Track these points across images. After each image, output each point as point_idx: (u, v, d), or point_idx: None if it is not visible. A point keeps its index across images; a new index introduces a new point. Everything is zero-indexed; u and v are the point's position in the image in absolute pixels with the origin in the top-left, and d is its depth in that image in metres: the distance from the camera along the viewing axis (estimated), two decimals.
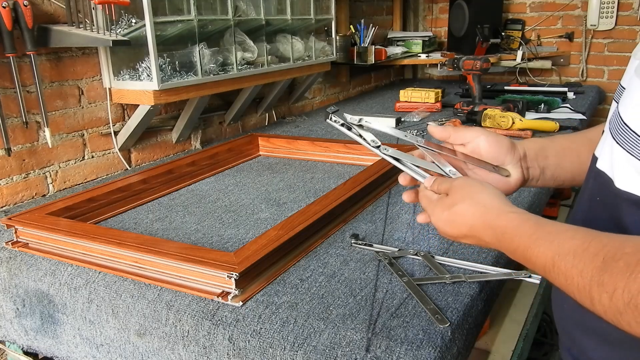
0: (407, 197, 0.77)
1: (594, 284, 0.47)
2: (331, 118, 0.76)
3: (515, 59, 2.84)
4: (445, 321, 0.76)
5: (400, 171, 0.76)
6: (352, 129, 0.77)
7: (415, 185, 0.76)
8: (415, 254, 0.97)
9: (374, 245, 1.01)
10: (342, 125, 0.76)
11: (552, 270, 0.52)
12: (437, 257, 0.96)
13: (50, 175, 1.44)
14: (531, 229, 0.56)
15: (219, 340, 0.80)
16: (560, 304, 0.67)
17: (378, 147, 0.76)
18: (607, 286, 0.46)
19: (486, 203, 0.62)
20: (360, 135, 0.77)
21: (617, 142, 0.54)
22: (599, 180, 0.58)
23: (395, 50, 2.83)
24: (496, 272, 0.92)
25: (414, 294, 0.83)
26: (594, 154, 0.62)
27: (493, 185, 0.68)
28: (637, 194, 0.52)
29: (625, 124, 0.53)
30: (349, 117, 0.77)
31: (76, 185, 1.50)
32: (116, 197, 1.27)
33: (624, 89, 0.60)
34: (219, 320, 0.82)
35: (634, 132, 0.51)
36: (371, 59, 2.56)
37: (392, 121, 2.00)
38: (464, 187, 0.65)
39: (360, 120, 0.77)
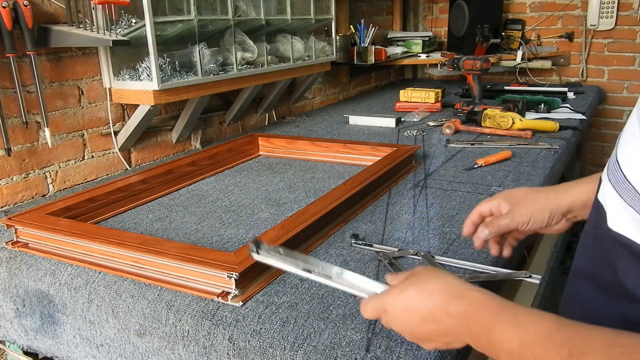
0: None
1: None
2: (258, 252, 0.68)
3: (515, 59, 2.84)
4: None
5: None
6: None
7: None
8: (415, 254, 0.97)
9: (374, 245, 1.01)
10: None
11: (518, 352, 0.49)
12: (437, 257, 0.96)
13: (50, 175, 1.44)
14: (495, 308, 0.53)
15: (219, 340, 0.80)
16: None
17: (309, 271, 0.67)
18: None
19: (447, 281, 0.58)
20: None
21: (615, 190, 0.51)
22: (599, 212, 0.55)
23: (395, 50, 2.83)
24: (496, 272, 0.92)
25: None
26: (600, 178, 0.59)
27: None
28: (630, 237, 0.49)
29: (625, 176, 0.50)
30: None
31: (76, 185, 1.50)
32: (116, 197, 1.27)
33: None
34: (219, 320, 0.82)
35: (633, 187, 0.48)
36: (371, 59, 2.56)
37: None
38: (421, 271, 0.61)
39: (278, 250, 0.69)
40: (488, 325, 0.52)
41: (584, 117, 2.07)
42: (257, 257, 0.68)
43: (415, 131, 1.92)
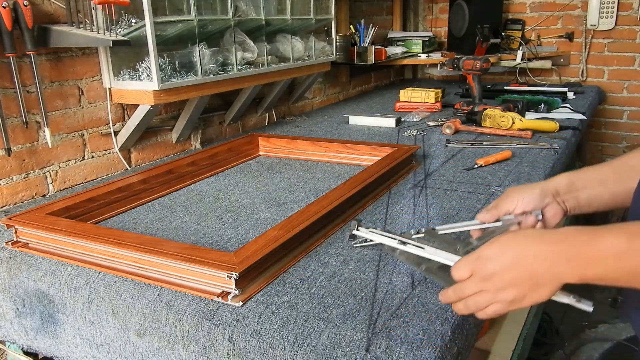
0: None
1: None
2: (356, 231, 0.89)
3: (515, 59, 2.84)
4: None
5: None
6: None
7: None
8: (417, 232, 0.91)
9: (377, 230, 0.96)
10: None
11: (628, 250, 0.55)
12: (437, 228, 0.90)
13: (50, 175, 1.44)
14: (589, 230, 0.58)
15: (219, 340, 0.80)
16: None
17: (403, 243, 0.83)
18: None
19: (532, 231, 0.66)
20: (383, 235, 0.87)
21: None
22: None
23: (395, 50, 2.83)
24: (506, 219, 0.89)
25: (436, 277, 0.81)
26: None
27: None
28: None
29: None
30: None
31: (76, 185, 1.50)
32: (116, 197, 1.27)
33: None
34: (219, 320, 0.82)
35: None
36: (371, 59, 2.56)
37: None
38: (508, 232, 0.70)
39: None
40: (588, 242, 0.57)
41: (584, 117, 2.07)
42: (356, 232, 0.90)
43: (415, 131, 1.92)
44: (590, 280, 0.58)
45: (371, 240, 0.93)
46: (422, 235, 0.88)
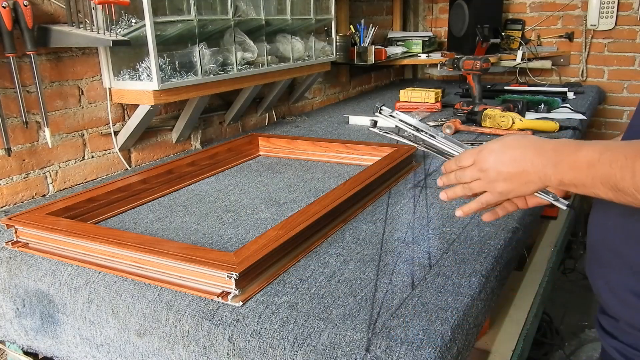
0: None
1: (637, 158, 0.59)
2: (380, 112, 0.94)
3: (515, 59, 2.84)
4: None
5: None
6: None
7: None
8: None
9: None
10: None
11: (598, 161, 0.63)
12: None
13: (50, 175, 1.44)
14: (576, 142, 0.67)
15: (219, 340, 0.80)
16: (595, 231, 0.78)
17: (417, 130, 0.91)
18: None
19: (532, 137, 0.74)
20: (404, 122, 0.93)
21: None
22: None
23: (395, 50, 2.83)
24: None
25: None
26: None
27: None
28: None
29: None
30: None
31: (76, 185, 1.50)
32: (116, 197, 1.27)
33: None
34: (219, 320, 0.82)
35: None
36: (371, 59, 2.56)
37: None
38: (511, 135, 0.78)
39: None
40: (570, 152, 0.66)
41: (584, 117, 2.07)
42: (377, 116, 0.95)
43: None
44: (567, 183, 0.67)
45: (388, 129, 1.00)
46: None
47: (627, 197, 0.61)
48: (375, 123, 0.99)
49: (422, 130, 0.89)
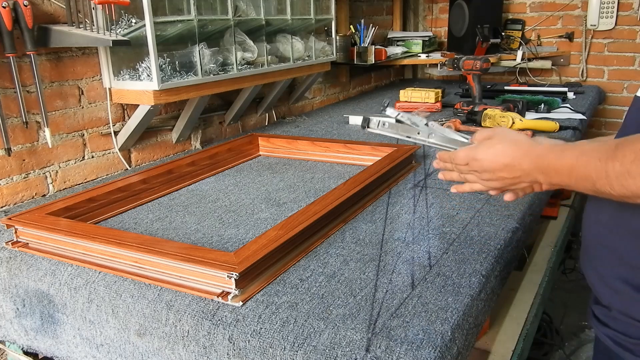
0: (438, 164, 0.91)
1: (608, 160, 0.63)
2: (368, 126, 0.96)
3: (515, 59, 2.84)
4: None
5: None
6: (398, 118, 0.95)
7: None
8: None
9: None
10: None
11: (575, 165, 0.68)
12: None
13: (50, 175, 1.44)
14: (560, 147, 0.73)
15: (219, 340, 0.80)
16: (589, 225, 0.83)
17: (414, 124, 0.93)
18: (617, 157, 0.62)
19: (523, 141, 0.79)
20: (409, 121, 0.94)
21: None
22: None
23: (395, 50, 2.83)
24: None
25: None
26: (636, 95, 0.79)
27: None
28: None
29: None
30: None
31: (76, 185, 1.50)
32: (116, 197, 1.27)
33: None
34: (219, 320, 0.82)
35: None
36: (371, 59, 2.56)
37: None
38: (504, 132, 0.82)
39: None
40: (554, 159, 0.72)
41: (584, 117, 2.06)
42: (367, 129, 0.96)
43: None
44: (557, 185, 0.74)
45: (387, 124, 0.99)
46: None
47: (606, 195, 0.66)
48: (367, 123, 0.99)
49: (416, 125, 0.93)
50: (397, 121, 0.94)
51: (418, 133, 0.93)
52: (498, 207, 1.20)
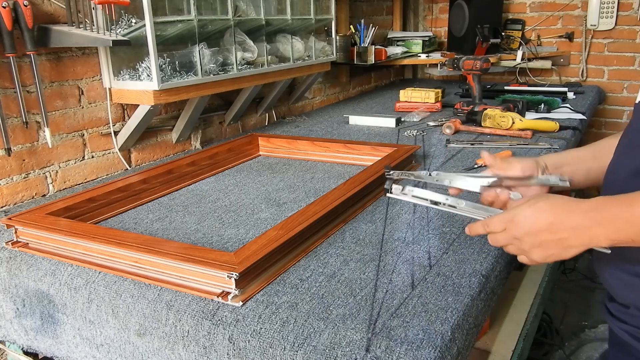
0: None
1: None
2: (390, 191, 0.89)
3: (515, 59, 2.84)
4: None
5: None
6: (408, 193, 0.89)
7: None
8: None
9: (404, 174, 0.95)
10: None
11: None
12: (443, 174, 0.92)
13: (50, 175, 1.44)
14: (617, 198, 0.66)
15: (219, 340, 0.80)
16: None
17: (435, 203, 0.86)
18: None
19: (565, 198, 0.71)
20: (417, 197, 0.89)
21: None
22: None
23: (395, 50, 2.83)
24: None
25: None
26: (636, 103, 0.78)
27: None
28: None
29: None
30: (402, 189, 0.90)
31: (76, 185, 1.50)
32: (116, 197, 1.27)
33: None
34: (219, 320, 0.82)
35: None
36: (371, 59, 2.56)
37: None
38: (542, 194, 0.77)
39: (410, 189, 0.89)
40: (620, 208, 0.64)
41: (584, 117, 2.07)
42: (389, 195, 0.89)
43: (415, 131, 1.92)
44: (621, 242, 0.66)
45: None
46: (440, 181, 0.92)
47: None
48: (389, 189, 0.92)
49: (439, 203, 0.85)
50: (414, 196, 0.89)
51: (447, 199, 0.86)
52: None
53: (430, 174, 0.90)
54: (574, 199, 0.70)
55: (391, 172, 0.91)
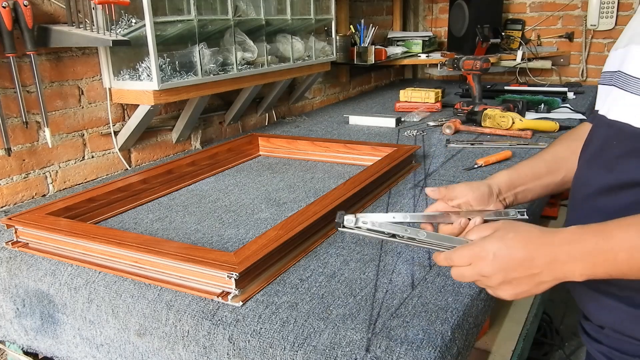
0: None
1: None
2: (343, 225, 0.77)
3: (515, 59, 2.84)
4: None
5: None
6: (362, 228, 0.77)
7: None
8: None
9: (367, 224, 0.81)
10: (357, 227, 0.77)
11: (638, 245, 0.57)
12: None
13: (50, 175, 1.44)
14: (593, 228, 0.61)
15: (219, 340, 0.80)
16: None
17: (393, 236, 0.76)
18: None
19: (536, 229, 0.65)
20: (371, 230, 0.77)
21: (631, 92, 0.67)
22: (614, 128, 0.70)
23: (395, 50, 2.83)
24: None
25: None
26: (598, 114, 0.78)
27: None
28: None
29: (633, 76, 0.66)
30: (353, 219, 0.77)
31: (76, 185, 1.50)
32: (116, 197, 1.27)
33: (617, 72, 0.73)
34: (219, 320, 0.82)
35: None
36: (371, 59, 2.56)
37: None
38: (511, 223, 0.68)
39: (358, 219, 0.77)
40: (597, 241, 0.59)
41: (584, 117, 2.06)
42: (341, 229, 0.77)
43: (415, 131, 1.92)
44: (597, 276, 0.60)
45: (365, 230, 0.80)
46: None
47: None
48: (341, 222, 0.78)
49: (397, 235, 0.74)
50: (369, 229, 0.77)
51: (406, 230, 0.75)
52: None
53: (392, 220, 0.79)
54: (545, 229, 0.64)
55: (343, 219, 0.77)
